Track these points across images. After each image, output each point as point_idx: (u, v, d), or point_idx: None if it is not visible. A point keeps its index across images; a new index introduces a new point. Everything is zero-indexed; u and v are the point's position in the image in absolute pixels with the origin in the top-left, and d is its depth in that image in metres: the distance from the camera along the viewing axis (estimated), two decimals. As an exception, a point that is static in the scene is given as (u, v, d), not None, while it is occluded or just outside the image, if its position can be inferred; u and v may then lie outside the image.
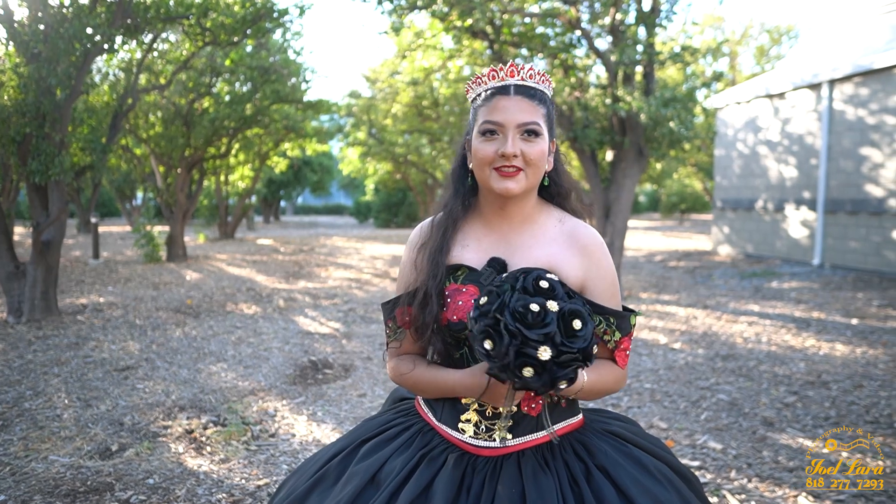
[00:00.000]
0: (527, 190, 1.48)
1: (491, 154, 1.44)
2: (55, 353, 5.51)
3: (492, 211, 1.54)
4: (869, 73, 10.00)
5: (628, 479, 1.39)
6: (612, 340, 1.47)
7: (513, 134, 1.43)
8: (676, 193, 27.73)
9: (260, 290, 8.99)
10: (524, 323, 1.21)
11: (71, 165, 6.66)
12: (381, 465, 1.47)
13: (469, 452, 1.46)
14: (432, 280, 1.48)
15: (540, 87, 1.50)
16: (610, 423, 1.61)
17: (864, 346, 5.71)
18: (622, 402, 4.40)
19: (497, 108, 1.45)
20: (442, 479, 1.40)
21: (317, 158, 26.97)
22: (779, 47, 28.84)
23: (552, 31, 8.66)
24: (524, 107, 1.45)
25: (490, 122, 1.45)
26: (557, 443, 1.47)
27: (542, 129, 1.46)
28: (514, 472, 1.40)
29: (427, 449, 1.48)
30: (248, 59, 11.62)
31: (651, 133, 7.99)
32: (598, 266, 1.50)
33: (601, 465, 1.42)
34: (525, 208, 1.53)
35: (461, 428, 1.48)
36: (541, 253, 1.49)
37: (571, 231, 1.53)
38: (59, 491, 3.01)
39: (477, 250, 1.53)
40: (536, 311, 1.22)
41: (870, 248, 10.00)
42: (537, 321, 1.21)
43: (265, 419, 4.05)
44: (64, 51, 6.04)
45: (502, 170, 1.43)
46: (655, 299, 8.40)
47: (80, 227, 20.38)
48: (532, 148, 1.44)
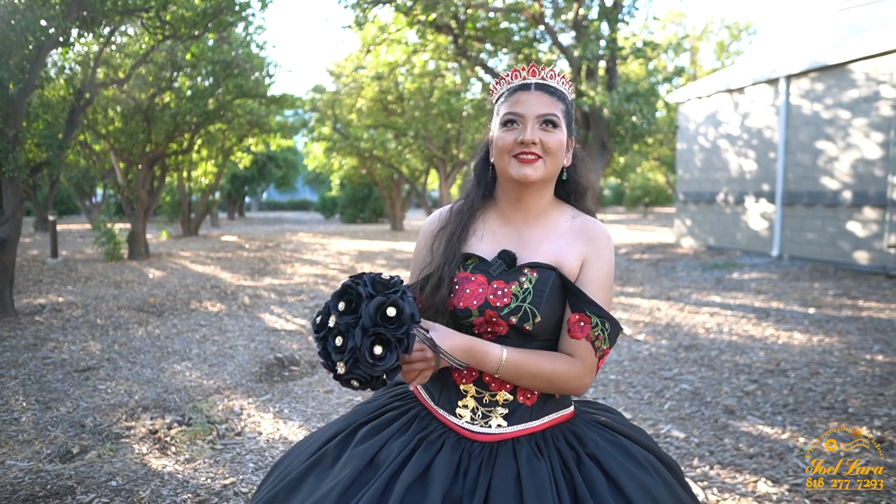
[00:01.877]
0: (544, 179, 1.54)
1: (510, 142, 1.51)
2: (12, 354, 5.36)
3: (508, 203, 1.60)
4: (824, 69, 10.27)
5: (617, 466, 1.44)
6: (601, 348, 1.50)
7: (532, 123, 1.51)
8: (640, 187, 28.15)
9: (225, 288, 8.88)
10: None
11: (26, 162, 6.48)
12: (379, 448, 1.49)
13: (465, 438, 1.50)
14: (448, 265, 1.54)
15: (560, 87, 1.58)
16: (599, 413, 1.67)
17: (820, 335, 5.88)
18: (588, 393, 4.46)
19: (518, 101, 1.53)
20: (440, 462, 1.43)
21: (281, 154, 26.67)
22: (738, 43, 29.43)
23: (516, 25, 8.70)
24: (544, 100, 1.53)
25: (511, 113, 1.53)
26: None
27: (560, 120, 1.53)
28: (510, 456, 1.45)
29: (425, 433, 1.51)
30: (210, 53, 11.41)
31: (614, 127, 8.10)
32: (598, 254, 1.54)
33: (591, 453, 1.47)
34: (541, 201, 1.59)
35: (458, 413, 1.53)
36: (549, 248, 1.54)
37: (582, 225, 1.58)
38: (18, 496, 2.93)
39: (490, 241, 1.59)
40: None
41: (825, 240, 10.29)
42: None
43: (231, 418, 4.01)
44: (16, 43, 5.86)
45: (521, 157, 1.50)
46: (620, 291, 8.52)
47: (38, 225, 19.82)
48: (550, 137, 1.51)
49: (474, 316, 1.49)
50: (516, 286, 1.48)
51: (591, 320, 1.48)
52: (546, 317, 1.48)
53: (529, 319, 1.46)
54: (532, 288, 1.48)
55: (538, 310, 1.46)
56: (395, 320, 1.27)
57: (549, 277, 1.49)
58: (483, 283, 1.50)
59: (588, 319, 1.48)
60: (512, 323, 1.47)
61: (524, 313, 1.46)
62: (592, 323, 1.48)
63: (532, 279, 1.49)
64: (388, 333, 1.26)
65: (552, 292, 1.49)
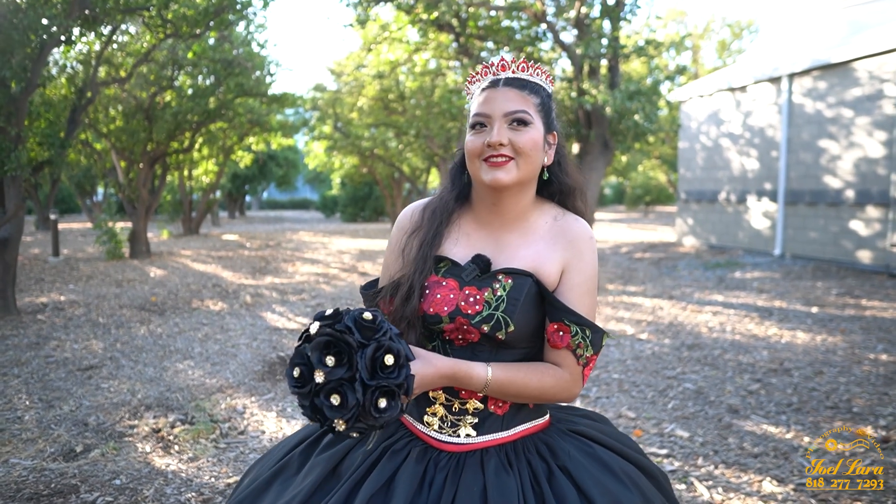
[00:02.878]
0: (519, 181, 1.43)
1: (479, 146, 1.42)
2: (14, 353, 5.36)
3: (484, 207, 1.50)
4: (827, 68, 10.25)
5: (590, 479, 1.37)
6: (584, 356, 1.42)
7: (499, 123, 1.40)
8: (641, 186, 28.13)
9: (226, 287, 8.87)
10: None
11: (28, 160, 6.47)
12: (343, 457, 1.45)
13: (433, 447, 1.44)
14: (419, 274, 1.45)
15: (533, 78, 1.47)
16: (577, 421, 1.59)
17: (823, 334, 5.87)
18: (591, 392, 4.45)
19: (485, 100, 1.43)
20: (404, 473, 1.37)
21: (282, 152, 26.63)
22: (740, 41, 29.41)
23: (518, 24, 8.69)
24: (511, 96, 1.42)
25: (478, 114, 1.43)
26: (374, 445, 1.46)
27: (531, 117, 1.42)
28: (477, 469, 1.38)
29: (391, 441, 1.45)
30: (211, 52, 11.40)
31: (616, 126, 8.09)
32: (579, 258, 1.46)
33: (563, 465, 1.40)
34: (519, 205, 1.48)
35: (427, 421, 1.46)
36: (527, 253, 1.46)
37: (562, 227, 1.49)
38: (22, 495, 2.93)
39: (465, 246, 1.50)
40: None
41: (828, 238, 10.28)
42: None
43: (234, 416, 4.00)
44: (18, 42, 5.85)
45: (491, 160, 1.40)
46: (622, 290, 8.51)
47: (39, 224, 19.81)
48: (521, 136, 1.40)
49: (444, 322, 1.41)
50: (489, 293, 1.40)
51: (571, 329, 1.40)
52: (520, 326, 1.40)
53: (502, 328, 1.38)
54: (506, 296, 1.39)
55: (511, 319, 1.38)
56: (394, 367, 1.19)
57: (525, 284, 1.41)
58: (454, 289, 1.42)
59: (567, 328, 1.41)
60: (483, 331, 1.39)
61: (496, 322, 1.38)
62: (572, 332, 1.40)
63: (506, 286, 1.40)
64: (391, 384, 1.18)
65: (527, 300, 1.40)
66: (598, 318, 6.71)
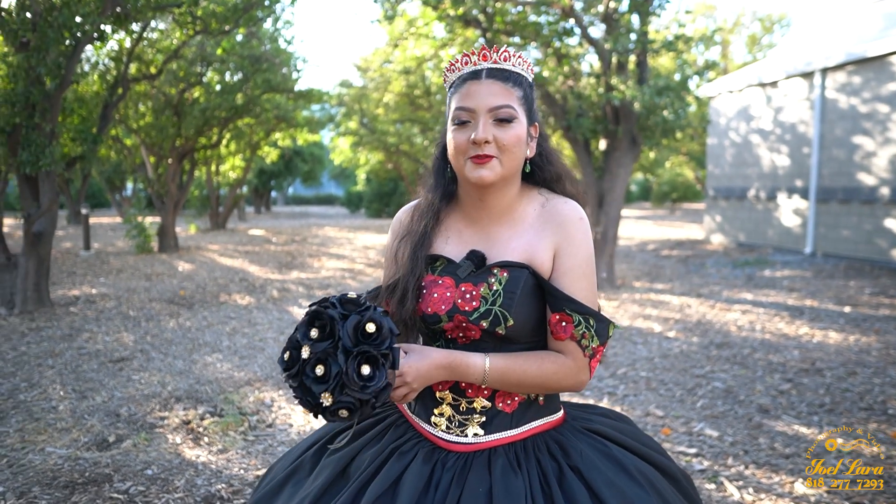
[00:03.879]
0: (503, 178, 1.41)
1: (464, 142, 1.38)
2: (49, 344, 5.47)
3: (471, 202, 1.48)
4: (862, 62, 10.03)
5: (602, 480, 1.33)
6: (589, 346, 1.38)
7: (484, 119, 1.36)
8: (668, 182, 27.80)
9: (253, 281, 8.96)
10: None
11: (62, 156, 6.60)
12: (351, 458, 1.44)
13: (440, 447, 1.42)
14: (411, 276, 1.44)
15: (515, 69, 1.42)
16: (593, 419, 1.54)
17: (856, 334, 5.75)
18: (618, 390, 4.42)
19: (468, 93, 1.39)
20: (411, 474, 1.36)
21: (308, 148, 26.81)
22: (770, 36, 28.90)
23: (545, 19, 8.62)
24: (495, 90, 1.37)
25: (461, 108, 1.39)
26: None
27: (516, 112, 1.38)
28: (483, 469, 1.36)
29: (398, 442, 1.44)
30: (239, 49, 11.52)
31: (644, 122, 7.99)
32: (569, 241, 1.41)
33: (575, 465, 1.36)
34: (505, 198, 1.46)
35: (434, 422, 1.45)
36: (518, 244, 1.43)
37: (551, 210, 1.45)
38: (58, 482, 2.99)
39: (457, 243, 1.48)
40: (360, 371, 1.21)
41: (861, 237, 10.07)
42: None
43: (262, 409, 4.04)
44: (53, 40, 5.95)
45: (475, 158, 1.37)
46: (649, 288, 8.43)
47: (71, 218, 20.22)
48: (505, 133, 1.37)
49: (444, 321, 1.40)
50: (485, 288, 1.38)
51: (573, 319, 1.36)
52: (520, 319, 1.37)
53: (501, 323, 1.36)
54: (502, 290, 1.37)
55: (510, 312, 1.36)
56: (377, 336, 1.20)
57: (521, 277, 1.38)
58: (451, 287, 1.41)
59: (569, 318, 1.37)
60: (483, 327, 1.37)
61: (495, 317, 1.36)
62: (574, 322, 1.36)
63: (502, 280, 1.38)
64: (373, 350, 1.19)
65: (525, 292, 1.37)
66: (625, 314, 6.69)
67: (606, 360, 5.11)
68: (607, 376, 4.72)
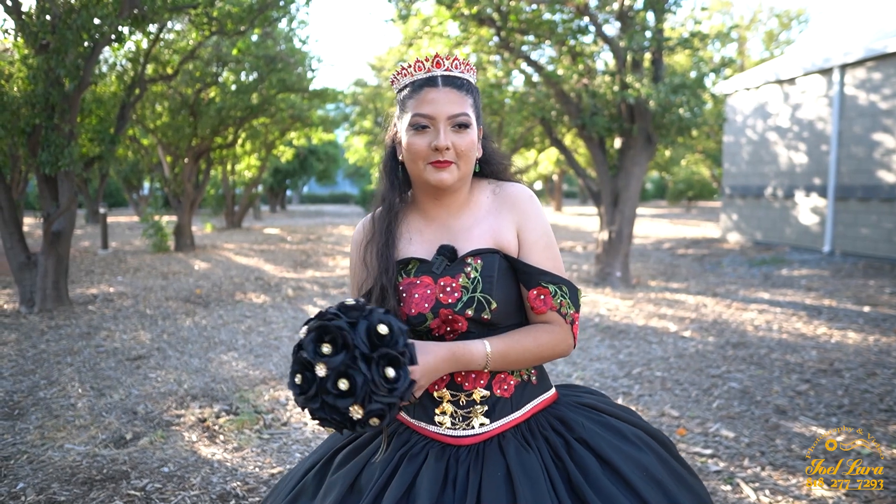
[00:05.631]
0: (460, 179, 1.48)
1: (424, 148, 1.43)
2: (68, 342, 5.54)
3: (428, 202, 1.54)
4: (882, 58, 9.89)
5: (608, 447, 1.41)
6: (568, 314, 1.46)
7: (444, 126, 1.43)
8: (683, 181, 27.60)
9: (268, 280, 9.01)
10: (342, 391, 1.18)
11: (80, 156, 6.67)
12: (359, 471, 1.44)
13: (450, 444, 1.45)
14: (385, 275, 1.47)
15: (465, 76, 1.50)
16: (581, 396, 1.62)
17: (876, 334, 5.68)
18: (633, 390, 4.40)
19: (426, 100, 1.44)
20: (425, 475, 1.37)
21: (322, 147, 26.93)
22: (788, 32, 28.58)
23: (560, 17, 8.58)
24: (453, 98, 1.44)
25: (421, 115, 1.44)
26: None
27: (470, 119, 1.46)
28: (497, 454, 1.40)
29: (406, 448, 1.45)
30: (255, 49, 11.58)
31: (660, 120, 7.93)
32: (526, 217, 1.50)
33: (580, 437, 1.43)
34: (461, 194, 1.53)
35: (437, 421, 1.47)
36: (481, 230, 1.49)
37: (501, 195, 1.54)
38: (77, 479, 3.03)
39: (421, 242, 1.52)
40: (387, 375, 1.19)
41: (881, 235, 9.94)
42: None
43: (277, 408, 4.07)
44: (72, 41, 6.02)
45: (436, 163, 1.43)
46: (664, 287, 8.37)
47: (89, 217, 20.44)
48: (463, 139, 1.44)
49: (429, 319, 1.42)
50: (463, 278, 1.43)
51: (549, 289, 1.45)
52: (502, 301, 1.43)
53: (486, 308, 1.41)
54: (479, 276, 1.42)
55: (492, 296, 1.41)
56: (390, 336, 1.20)
57: (494, 260, 1.44)
58: (430, 284, 1.44)
59: (546, 290, 1.45)
60: (469, 316, 1.41)
61: (478, 303, 1.41)
62: (551, 292, 1.45)
63: (477, 267, 1.43)
64: (392, 350, 1.18)
65: (501, 275, 1.44)
66: (640, 313, 6.66)
67: (621, 360, 5.09)
68: (622, 376, 4.70)
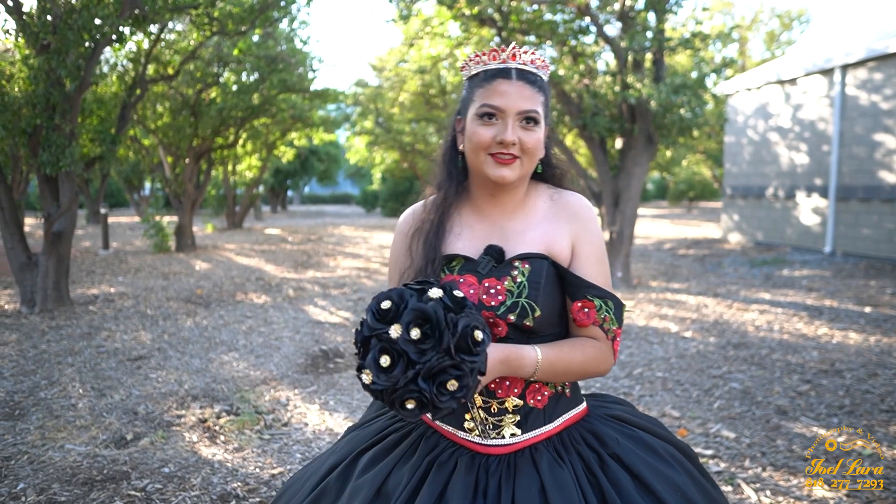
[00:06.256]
0: (521, 178, 1.44)
1: (488, 139, 1.39)
2: (68, 342, 5.54)
3: (483, 197, 1.49)
4: (883, 58, 9.88)
5: (642, 464, 1.37)
6: (611, 330, 1.41)
7: (513, 120, 1.38)
8: (685, 181, 27.59)
9: (269, 280, 9.01)
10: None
11: (81, 156, 6.67)
12: (386, 476, 1.40)
13: (479, 453, 1.40)
14: (430, 265, 1.43)
15: (540, 72, 1.45)
16: (610, 407, 1.57)
17: (877, 335, 5.67)
18: (634, 390, 4.39)
19: (498, 91, 1.39)
20: (455, 485, 1.33)
21: (324, 148, 26.94)
22: (789, 32, 28.55)
23: (561, 17, 8.58)
24: (525, 93, 1.39)
25: (490, 105, 1.39)
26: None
27: (540, 116, 1.41)
28: (530, 468, 1.35)
29: (434, 454, 1.41)
30: (256, 49, 11.59)
31: (661, 120, 7.93)
32: (585, 229, 1.46)
33: (614, 452, 1.39)
34: (518, 194, 1.48)
35: (467, 427, 1.42)
36: (534, 235, 1.45)
37: (562, 203, 1.49)
38: (77, 479, 3.03)
39: (470, 238, 1.47)
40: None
41: (882, 236, 9.92)
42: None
43: (277, 408, 4.07)
44: (73, 42, 6.02)
45: (498, 156, 1.39)
46: (665, 287, 8.37)
47: (90, 217, 20.46)
48: (530, 136, 1.40)
49: None
50: (509, 281, 1.38)
51: (595, 303, 1.40)
52: (546, 309, 1.38)
53: (529, 315, 1.36)
54: (526, 281, 1.37)
55: (536, 303, 1.36)
56: (463, 302, 1.21)
57: (543, 267, 1.39)
58: (473, 284, 1.39)
59: (591, 304, 1.39)
60: (510, 321, 1.36)
61: (522, 309, 1.36)
62: (596, 306, 1.40)
63: (525, 271, 1.39)
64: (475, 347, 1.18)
65: (548, 282, 1.39)
66: (641, 314, 6.65)
67: (622, 361, 5.08)
68: (623, 376, 4.70)
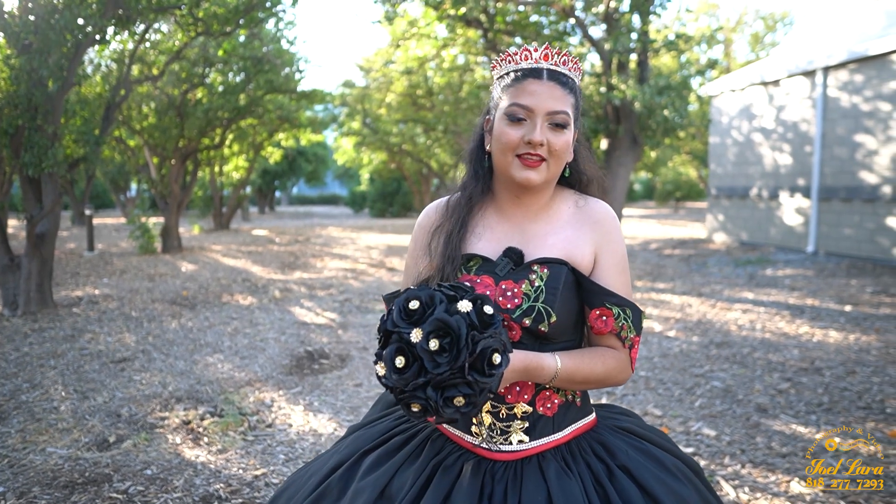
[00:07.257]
0: (547, 181, 1.42)
1: (516, 140, 1.37)
2: (51, 345, 5.50)
3: (507, 199, 1.47)
4: (864, 60, 10.00)
5: (651, 478, 1.35)
6: (628, 338, 1.40)
7: (541, 121, 1.36)
8: (671, 181, 27.79)
9: (255, 281, 8.99)
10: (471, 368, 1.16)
11: (64, 157, 6.62)
12: (390, 479, 1.38)
13: (485, 458, 1.38)
14: (449, 265, 1.41)
15: (571, 74, 1.43)
16: (619, 418, 1.56)
17: (857, 333, 5.75)
18: (617, 390, 4.43)
19: (527, 91, 1.37)
20: (460, 490, 1.31)
21: (311, 148, 26.89)
22: (773, 34, 28.82)
23: (546, 19, 8.64)
24: (556, 94, 1.37)
25: (519, 105, 1.37)
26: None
27: (570, 119, 1.39)
28: (537, 476, 1.33)
29: (440, 458, 1.39)
30: (241, 49, 11.55)
31: (645, 121, 8.00)
32: (608, 238, 1.44)
33: (623, 465, 1.37)
34: (543, 197, 1.46)
35: (475, 432, 1.40)
36: (556, 240, 1.43)
37: (586, 210, 1.47)
38: (58, 482, 3.02)
39: (490, 240, 1.45)
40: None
41: (863, 235, 10.05)
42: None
43: (262, 409, 4.07)
44: (55, 42, 5.99)
45: (525, 158, 1.37)
46: (650, 287, 8.43)
47: (74, 219, 20.29)
48: (558, 138, 1.37)
49: None
50: (526, 285, 1.36)
51: (613, 311, 1.38)
52: (562, 315, 1.36)
53: (544, 320, 1.34)
54: (544, 285, 1.35)
55: (553, 308, 1.34)
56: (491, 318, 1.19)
57: (561, 272, 1.37)
58: (490, 286, 1.37)
59: (609, 312, 1.38)
60: (525, 325, 1.34)
61: (538, 313, 1.34)
62: (614, 314, 1.38)
63: (543, 276, 1.37)
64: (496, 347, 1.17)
65: (566, 288, 1.37)
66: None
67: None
68: (606, 376, 4.73)
